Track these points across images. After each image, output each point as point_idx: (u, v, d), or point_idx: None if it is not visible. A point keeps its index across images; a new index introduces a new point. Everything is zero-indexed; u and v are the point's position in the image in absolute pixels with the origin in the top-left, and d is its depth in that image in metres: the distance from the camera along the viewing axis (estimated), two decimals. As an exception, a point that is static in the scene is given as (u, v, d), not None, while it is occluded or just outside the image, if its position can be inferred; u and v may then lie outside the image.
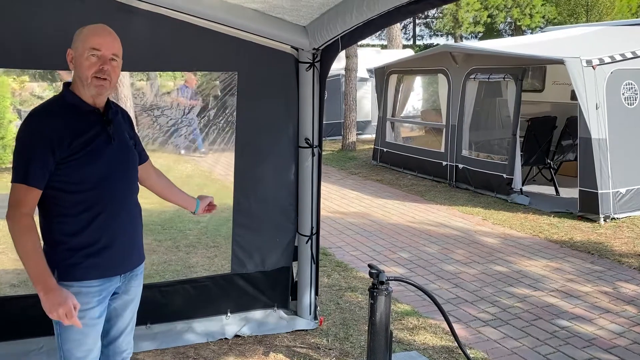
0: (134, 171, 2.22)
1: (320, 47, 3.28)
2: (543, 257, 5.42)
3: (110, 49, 2.02)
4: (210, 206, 2.65)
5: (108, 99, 2.15)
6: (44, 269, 1.94)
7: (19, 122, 9.63)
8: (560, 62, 6.56)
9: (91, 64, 1.99)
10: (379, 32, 21.73)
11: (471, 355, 3.43)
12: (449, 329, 3.36)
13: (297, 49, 3.39)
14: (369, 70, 13.39)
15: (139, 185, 2.33)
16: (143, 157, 2.37)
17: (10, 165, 7.34)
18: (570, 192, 7.48)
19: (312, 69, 3.40)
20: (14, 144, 2.03)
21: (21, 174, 1.96)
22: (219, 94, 11.84)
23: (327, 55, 3.35)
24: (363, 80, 14.79)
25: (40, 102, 2.17)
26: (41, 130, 1.98)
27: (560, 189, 7.75)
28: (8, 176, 8.99)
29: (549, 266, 5.18)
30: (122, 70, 2.22)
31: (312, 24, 3.17)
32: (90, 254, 2.06)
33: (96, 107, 2.08)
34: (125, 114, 2.28)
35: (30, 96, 12.66)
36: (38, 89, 12.93)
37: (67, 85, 2.08)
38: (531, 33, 23.49)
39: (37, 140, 1.97)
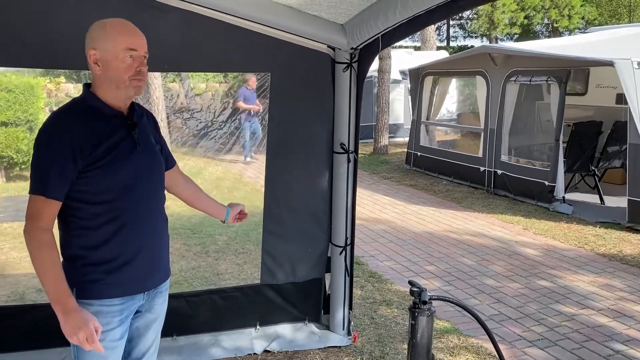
0: (159, 178, 2.05)
1: (358, 46, 3.07)
2: (590, 272, 5.09)
3: (143, 48, 1.89)
4: (241, 214, 2.47)
5: (132, 100, 1.99)
6: (64, 288, 1.78)
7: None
8: (610, 64, 6.19)
9: (128, 66, 1.84)
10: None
11: (518, 380, 3.17)
12: (493, 350, 3.11)
13: (333, 49, 3.18)
14: (402, 72, 13.11)
15: (166, 192, 2.16)
16: (170, 163, 2.20)
17: None
18: (616, 201, 7.10)
19: (349, 69, 3.18)
20: (32, 151, 1.86)
21: (39, 184, 1.80)
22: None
23: (365, 55, 3.13)
24: (395, 82, 14.51)
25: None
26: (61, 136, 1.80)
27: (605, 198, 7.35)
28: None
29: (597, 282, 4.85)
30: (152, 71, 2.07)
31: (351, 22, 2.96)
32: (112, 270, 1.89)
33: (120, 111, 1.92)
34: (150, 116, 2.11)
35: (65, 97, 12.79)
36: (73, 90, 13.06)
37: (87, 86, 1.92)
38: (569, 35, 22.79)
39: (56, 147, 1.79)
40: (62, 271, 1.80)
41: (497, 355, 2.93)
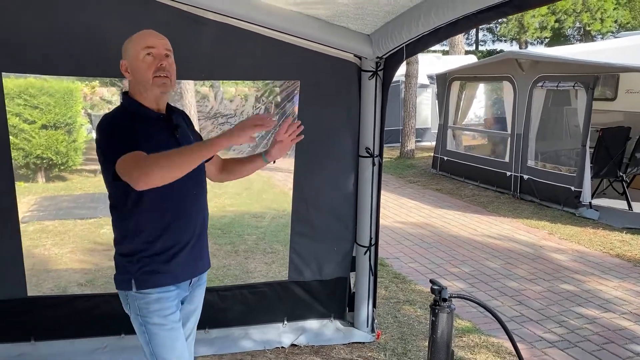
0: (201, 173, 2.16)
1: (384, 55, 3.22)
2: (615, 277, 5.12)
3: (162, 45, 1.98)
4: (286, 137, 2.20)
5: (167, 102, 2.10)
6: (202, 143, 1.82)
7: (89, 127, 10.09)
8: (639, 70, 6.19)
9: (149, 64, 1.94)
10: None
11: (536, 379, 3.26)
12: (512, 349, 3.21)
13: (360, 58, 3.34)
14: (429, 77, 13.17)
15: (215, 181, 2.32)
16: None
17: (81, 167, 7.59)
18: (645, 207, 7.08)
19: (375, 77, 3.34)
20: (97, 144, 1.93)
21: (123, 147, 1.81)
22: (279, 100, 11.91)
23: (390, 63, 3.28)
24: (423, 86, 14.57)
25: (109, 106, 2.18)
26: (119, 124, 1.92)
27: (633, 204, 7.32)
28: (79, 177, 9.34)
29: (622, 286, 4.88)
30: (190, 79, 2.21)
31: (377, 33, 3.11)
32: (167, 260, 2.04)
33: (160, 113, 2.04)
34: (185, 116, 2.22)
35: (100, 100, 13.25)
36: (107, 94, 13.52)
37: (124, 94, 2.05)
38: (602, 39, 22.46)
39: (119, 129, 1.90)
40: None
41: (516, 354, 3.04)
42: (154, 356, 2.09)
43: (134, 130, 1.89)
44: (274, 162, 2.25)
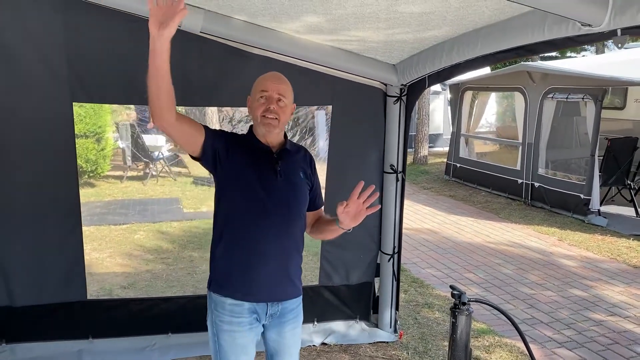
0: (295, 208, 2.24)
1: (407, 83, 3.58)
2: (621, 282, 5.43)
3: (276, 90, 2.16)
4: (355, 208, 2.16)
5: (289, 140, 2.30)
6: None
7: (116, 135, 10.52)
8: (643, 84, 6.50)
9: (260, 104, 2.16)
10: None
11: (546, 376, 3.59)
12: (524, 349, 3.54)
13: (385, 84, 3.70)
14: (442, 84, 13.51)
15: (308, 234, 2.38)
16: (317, 204, 2.40)
17: (108, 174, 8.09)
18: (652, 215, 7.36)
19: (399, 102, 3.70)
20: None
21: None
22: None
23: (413, 90, 3.64)
24: (436, 93, 14.91)
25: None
26: (224, 132, 2.24)
27: (641, 211, 7.61)
28: (106, 184, 9.76)
29: (628, 291, 5.19)
30: (240, 107, 2.49)
31: (402, 63, 3.47)
32: (239, 277, 2.19)
33: (267, 145, 2.22)
34: (308, 155, 2.38)
35: (125, 109, 13.65)
36: (132, 107, 13.90)
37: (251, 127, 2.29)
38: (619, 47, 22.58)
39: (223, 132, 2.22)
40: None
41: (528, 354, 3.38)
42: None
43: (235, 149, 2.16)
44: (350, 230, 2.23)
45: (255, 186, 2.15)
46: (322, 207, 2.46)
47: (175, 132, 2.06)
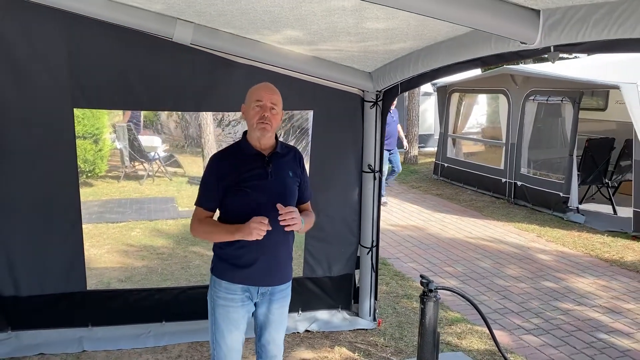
0: (284, 204, 2.47)
1: (382, 89, 3.89)
2: (591, 275, 5.75)
3: (269, 99, 2.48)
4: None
5: (280, 142, 2.63)
6: (227, 229, 2.46)
7: (114, 136, 10.81)
8: (616, 87, 6.82)
9: (255, 112, 2.48)
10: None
11: (511, 359, 3.90)
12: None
13: (363, 91, 4.01)
14: (433, 84, 13.82)
15: None
16: (305, 197, 2.72)
17: (105, 174, 8.49)
18: (628, 212, 7.65)
19: (375, 107, 4.00)
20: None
21: (197, 198, 2.61)
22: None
23: (388, 96, 3.95)
24: (427, 94, 15.23)
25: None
26: (212, 167, 2.58)
27: (619, 208, 7.94)
28: (104, 183, 10.04)
29: (597, 283, 5.51)
30: (227, 111, 2.79)
31: (377, 71, 3.78)
32: (236, 264, 2.54)
33: (259, 150, 2.55)
34: (298, 155, 2.70)
35: (121, 113, 13.93)
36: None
37: (244, 133, 2.62)
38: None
39: (208, 174, 2.58)
40: (219, 224, 2.52)
41: (491, 336, 3.68)
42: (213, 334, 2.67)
43: (222, 167, 2.55)
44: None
45: (248, 188, 2.49)
46: (309, 201, 2.81)
47: None
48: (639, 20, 1.85)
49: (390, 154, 8.56)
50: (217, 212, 2.66)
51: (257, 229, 2.36)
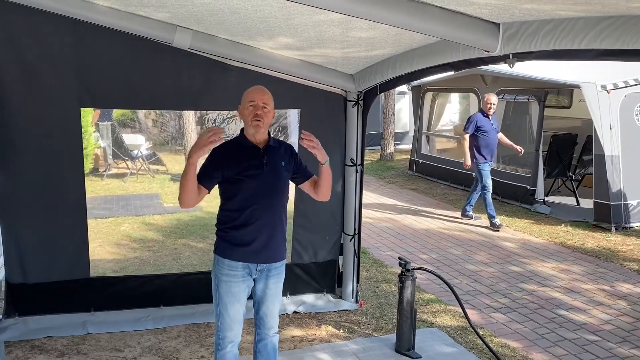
0: (280, 190, 2.92)
1: (363, 90, 4.27)
2: (555, 260, 6.24)
3: (261, 100, 2.82)
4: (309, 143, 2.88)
5: (272, 137, 2.97)
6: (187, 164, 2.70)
7: (97, 135, 10.99)
8: (577, 86, 7.34)
9: (249, 112, 2.82)
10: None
11: (481, 333, 4.32)
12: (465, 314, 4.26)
13: (345, 91, 4.39)
14: (408, 84, 14.30)
15: (320, 199, 3.15)
16: (308, 174, 3.13)
17: (89, 172, 8.81)
18: (590, 203, 8.19)
19: (357, 106, 4.39)
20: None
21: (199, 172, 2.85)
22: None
23: (369, 95, 4.33)
24: (402, 93, 15.72)
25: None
26: (213, 157, 2.90)
27: (582, 200, 8.48)
28: (88, 182, 10.23)
29: (559, 267, 6.00)
30: (220, 110, 3.13)
31: (358, 74, 4.16)
32: (237, 243, 2.88)
33: (255, 144, 2.89)
34: (288, 148, 3.06)
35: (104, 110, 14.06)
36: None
37: (242, 130, 2.96)
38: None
39: (208, 162, 2.89)
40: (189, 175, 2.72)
41: (464, 314, 4.09)
42: (217, 307, 3.00)
43: (223, 158, 2.86)
44: (324, 163, 3.00)
45: (246, 177, 2.83)
46: (314, 175, 3.15)
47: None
48: (577, 34, 2.27)
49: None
50: (219, 202, 2.97)
51: (204, 137, 2.62)
